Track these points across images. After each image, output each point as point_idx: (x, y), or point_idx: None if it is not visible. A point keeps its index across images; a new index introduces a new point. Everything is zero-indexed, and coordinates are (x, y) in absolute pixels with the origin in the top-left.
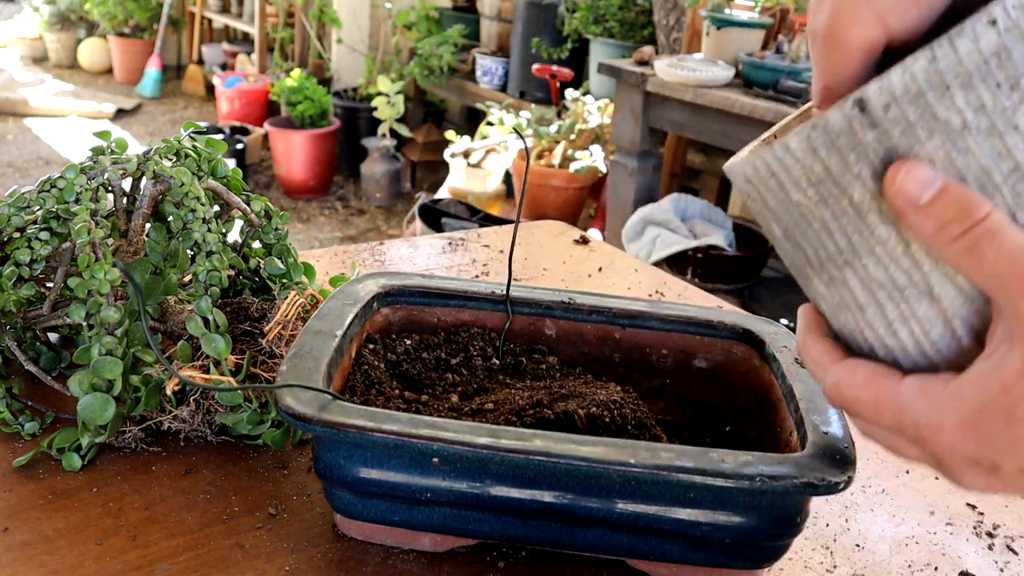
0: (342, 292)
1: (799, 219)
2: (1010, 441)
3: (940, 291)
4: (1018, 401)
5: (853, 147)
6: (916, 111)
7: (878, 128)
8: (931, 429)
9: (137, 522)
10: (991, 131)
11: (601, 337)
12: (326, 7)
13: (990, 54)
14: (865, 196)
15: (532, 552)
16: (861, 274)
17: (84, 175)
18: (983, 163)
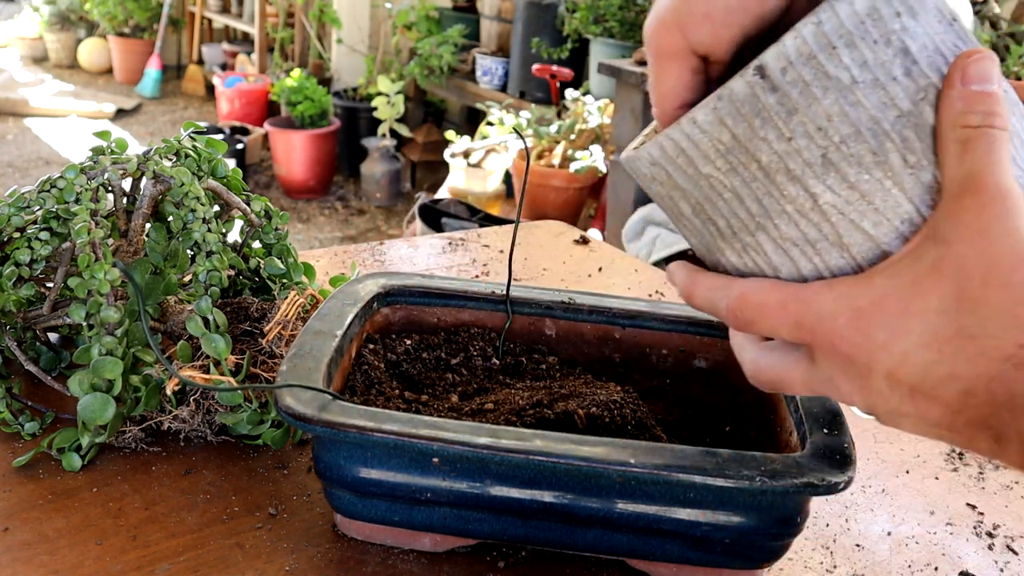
0: (342, 292)
1: (709, 192)
2: (892, 335)
3: (849, 239)
4: (918, 294)
5: (757, 112)
6: (810, 71)
7: (778, 91)
8: (829, 318)
9: (137, 522)
10: (875, 83)
11: (601, 337)
12: (326, 7)
13: (865, 15)
14: (773, 158)
15: (532, 552)
16: (774, 235)
17: (84, 175)
18: (872, 114)
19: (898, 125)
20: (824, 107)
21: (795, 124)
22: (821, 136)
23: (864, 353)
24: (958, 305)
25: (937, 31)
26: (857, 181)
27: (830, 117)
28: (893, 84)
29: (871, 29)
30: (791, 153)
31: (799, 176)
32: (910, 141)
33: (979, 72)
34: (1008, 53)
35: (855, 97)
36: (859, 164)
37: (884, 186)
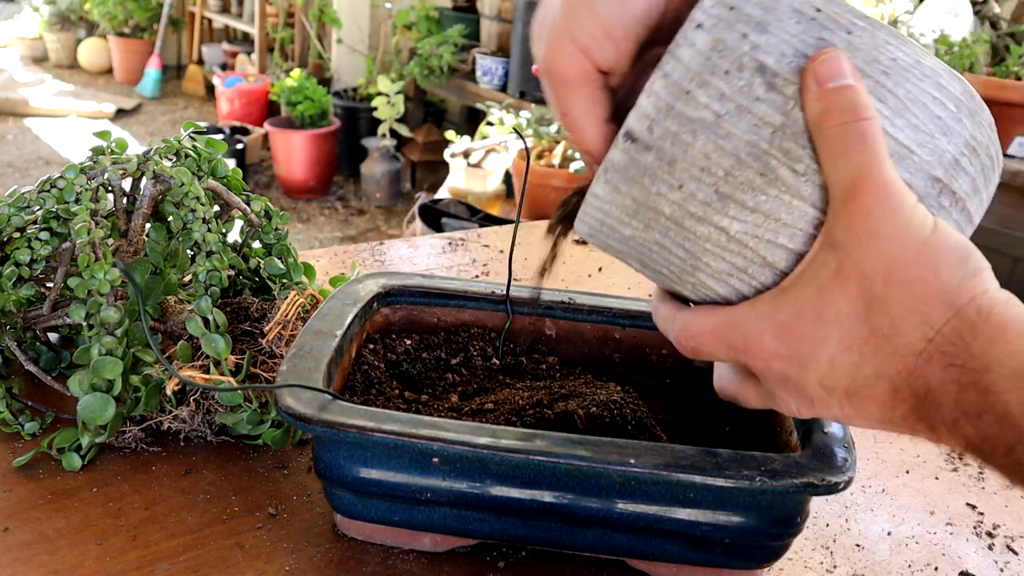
0: (342, 292)
1: (641, 249)
2: (815, 343)
3: (773, 257)
4: (828, 302)
5: (643, 172)
6: (673, 122)
7: (652, 149)
8: (757, 336)
9: (137, 522)
10: (739, 110)
11: (601, 337)
12: (326, 7)
13: (709, 50)
14: (674, 208)
15: (532, 552)
16: (709, 271)
17: (84, 175)
18: (747, 139)
19: (776, 140)
20: (699, 149)
21: (679, 172)
22: (707, 175)
23: (795, 366)
24: (867, 307)
25: (796, 32)
26: (756, 204)
27: (707, 156)
28: (758, 104)
29: (719, 62)
30: (687, 198)
31: (703, 216)
32: (792, 152)
33: (830, 70)
34: (1008, 53)
35: (724, 130)
36: (752, 189)
37: (784, 200)
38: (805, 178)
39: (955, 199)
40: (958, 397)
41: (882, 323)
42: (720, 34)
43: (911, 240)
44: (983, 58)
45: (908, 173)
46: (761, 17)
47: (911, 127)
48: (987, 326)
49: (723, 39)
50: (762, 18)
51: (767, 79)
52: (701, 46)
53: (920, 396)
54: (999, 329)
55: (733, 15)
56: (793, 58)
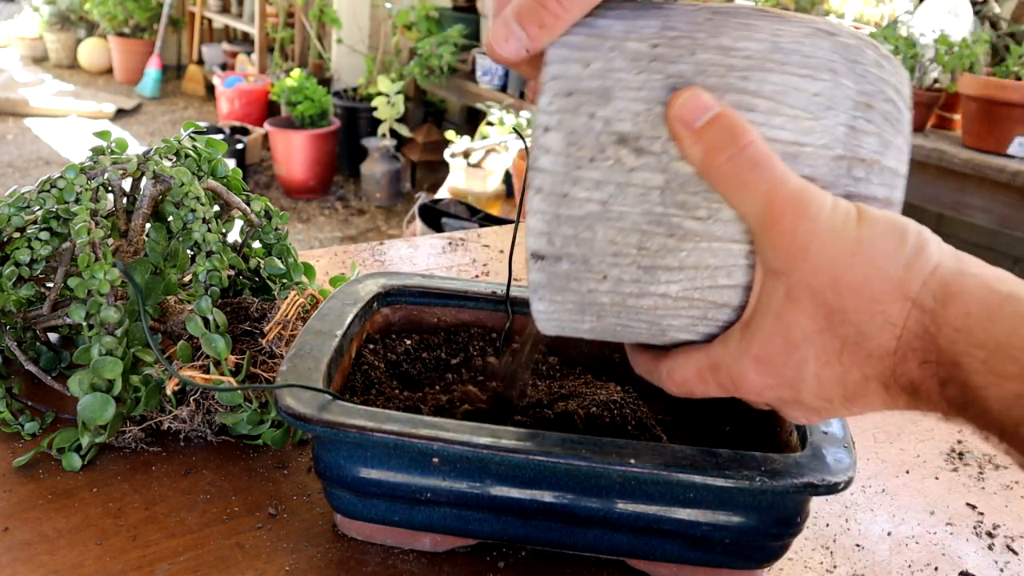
0: (342, 292)
1: (607, 332)
2: (795, 367)
3: (723, 299)
4: (790, 325)
5: (566, 280)
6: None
7: (561, 258)
8: (740, 375)
9: (137, 522)
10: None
11: None
12: (326, 7)
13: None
14: (611, 296)
15: (532, 552)
16: (675, 329)
17: (84, 175)
18: (641, 210)
19: (668, 199)
20: (602, 239)
21: (597, 266)
22: (622, 258)
23: (787, 390)
24: (828, 320)
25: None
26: (680, 262)
27: (613, 241)
28: (635, 174)
29: (580, 153)
30: (617, 284)
31: (641, 292)
32: (688, 203)
33: (692, 110)
34: (1008, 53)
35: (616, 212)
36: (668, 251)
37: (703, 248)
38: (711, 220)
39: (868, 165)
40: (941, 392)
41: (848, 332)
42: (568, 127)
43: (842, 243)
44: (983, 58)
45: (808, 168)
46: (601, 87)
47: (791, 120)
48: (947, 312)
49: (573, 130)
50: (602, 87)
51: (632, 146)
52: (557, 147)
53: (910, 391)
54: (961, 316)
55: (573, 101)
56: (647, 112)
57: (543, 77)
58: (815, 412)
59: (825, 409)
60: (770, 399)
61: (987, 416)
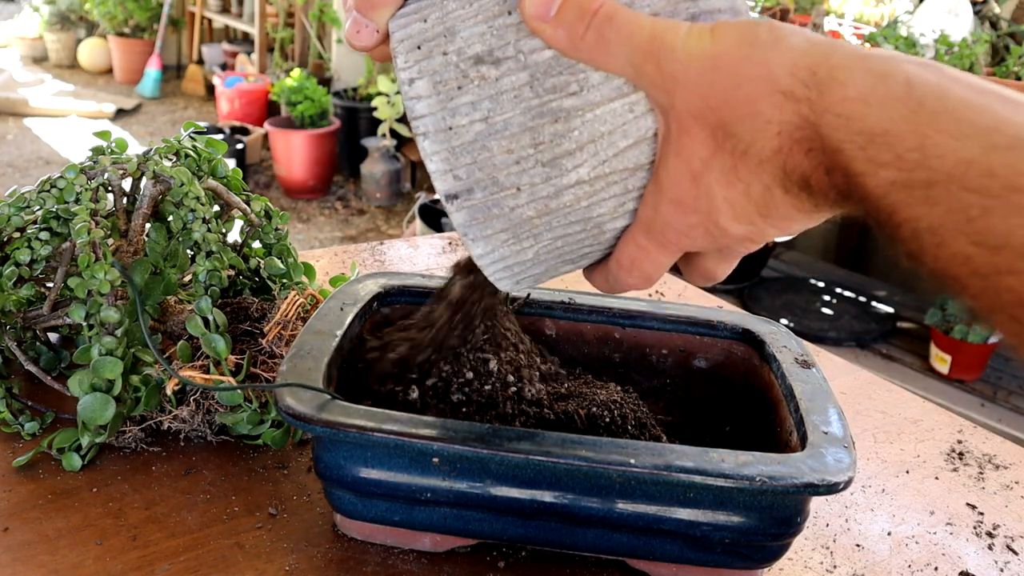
0: (342, 292)
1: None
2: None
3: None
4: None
5: (486, 209)
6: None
7: (472, 188)
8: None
9: (137, 522)
10: (494, 99)
11: (601, 337)
12: (326, 7)
13: (433, 87)
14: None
15: (532, 552)
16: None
17: (84, 175)
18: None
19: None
20: (499, 152)
21: (506, 180)
22: (525, 162)
23: (710, 224)
24: (714, 139)
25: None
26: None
27: (510, 150)
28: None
29: (446, 87)
30: (533, 191)
31: (557, 190)
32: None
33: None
34: (1008, 53)
35: (499, 121)
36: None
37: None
38: (584, 90)
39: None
40: (830, 181)
41: (735, 144)
42: (428, 70)
43: (702, 61)
44: (983, 58)
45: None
46: (444, 29)
47: None
48: (825, 99)
49: (434, 71)
50: (444, 29)
51: (489, 61)
52: (425, 91)
53: (805, 186)
54: (839, 101)
55: (424, 50)
56: (490, 29)
57: (392, 45)
58: (747, 239)
59: (753, 233)
60: (702, 241)
61: (867, 203)
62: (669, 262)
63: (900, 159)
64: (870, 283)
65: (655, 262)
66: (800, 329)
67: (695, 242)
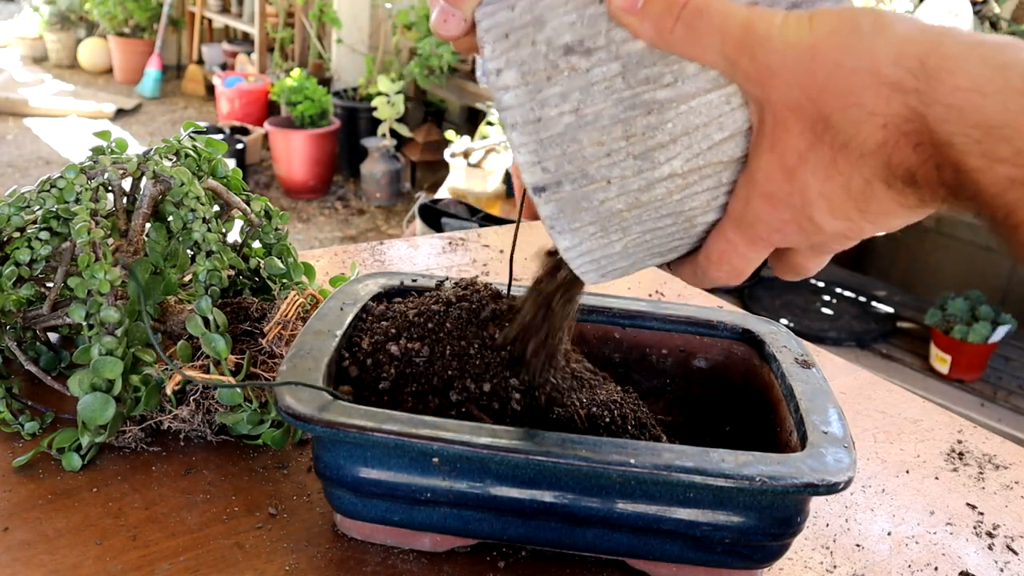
0: (342, 292)
1: (641, 247)
2: (800, 192)
3: (726, 154)
4: (784, 152)
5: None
6: (553, 147)
7: (561, 181)
8: (757, 219)
9: (137, 522)
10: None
11: (601, 337)
12: (326, 7)
13: (522, 77)
14: (623, 199)
15: (532, 552)
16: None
17: (84, 175)
18: (612, 100)
19: (631, 80)
20: (589, 144)
21: (597, 173)
22: (616, 155)
23: (803, 219)
24: (813, 132)
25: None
26: (672, 135)
27: (600, 142)
28: (592, 72)
29: (536, 78)
30: (623, 184)
31: (648, 183)
32: (651, 75)
33: None
34: None
35: (590, 113)
36: (654, 129)
37: (683, 111)
38: (679, 82)
39: None
40: (939, 176)
41: (834, 137)
42: (517, 60)
43: (800, 51)
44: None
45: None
46: (532, 18)
47: None
48: (935, 89)
49: (522, 61)
50: (533, 18)
51: (580, 51)
52: (513, 82)
53: (910, 181)
54: (950, 91)
55: (512, 39)
56: (580, 18)
57: (479, 34)
58: (843, 235)
59: (848, 228)
60: (794, 237)
61: (980, 200)
62: (759, 257)
63: (1020, 154)
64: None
65: (744, 257)
66: (800, 329)
67: (787, 238)
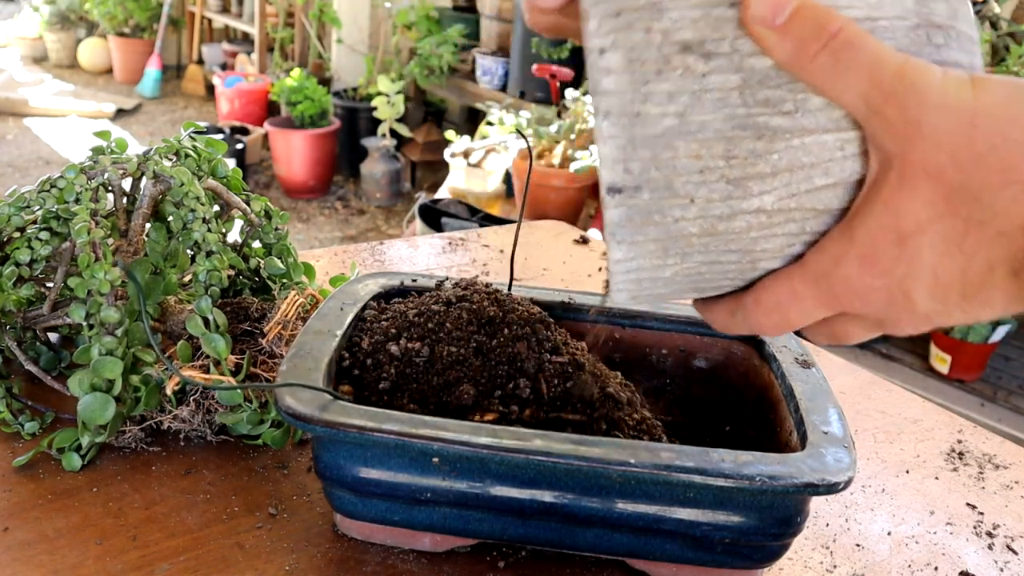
0: (342, 292)
1: (690, 278)
2: (908, 262)
3: (823, 203)
4: (903, 214)
5: (649, 213)
6: (643, 148)
7: (641, 186)
8: (843, 279)
9: (137, 522)
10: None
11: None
12: (326, 7)
13: (627, 65)
14: (700, 223)
15: (532, 552)
16: (768, 255)
17: (84, 175)
18: (722, 115)
19: (749, 98)
20: (684, 155)
21: (682, 189)
22: (709, 173)
23: (897, 292)
24: (948, 202)
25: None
26: (774, 167)
27: (698, 155)
28: (708, 79)
29: (644, 68)
30: (706, 207)
31: (733, 212)
32: (771, 98)
33: (770, 5)
34: (1008, 53)
35: (695, 122)
36: (758, 155)
37: (795, 145)
38: (799, 112)
39: (944, 30)
40: None
41: (973, 211)
42: (626, 44)
43: (959, 114)
44: (983, 58)
45: (890, 41)
46: (650, 2)
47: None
48: None
49: (632, 46)
50: (651, 3)
51: (699, 52)
52: (618, 66)
53: None
54: None
55: (623, 19)
56: (706, 16)
57: (584, 6)
58: (924, 318)
59: (937, 313)
60: (876, 304)
61: None
62: (820, 317)
63: None
64: None
65: (805, 313)
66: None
67: (867, 306)
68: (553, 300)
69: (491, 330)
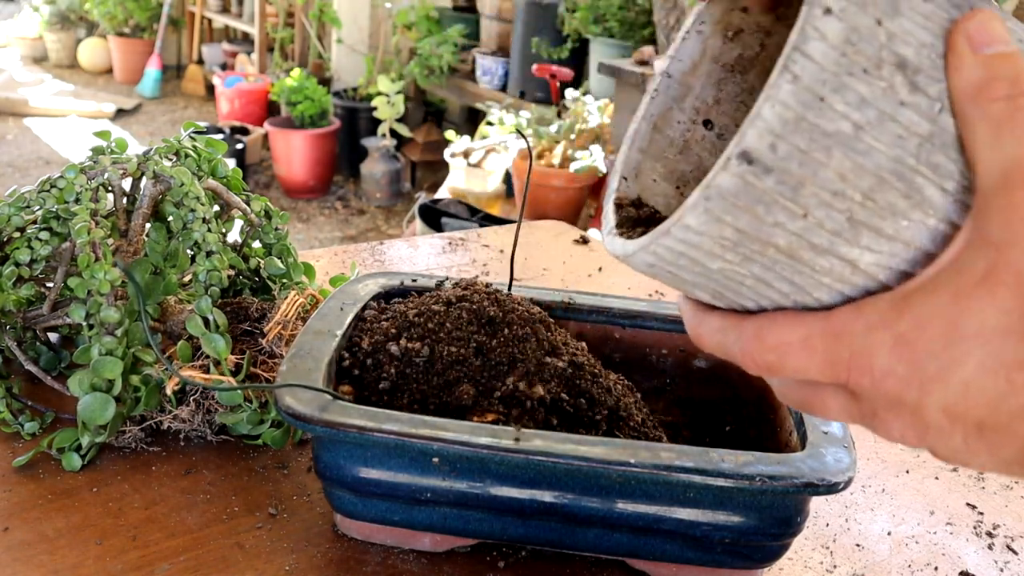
0: (342, 292)
1: (726, 282)
2: (945, 365)
3: (886, 277)
4: (968, 311)
5: (757, 199)
6: (804, 137)
7: (774, 171)
8: (865, 350)
9: (137, 522)
10: (882, 118)
11: (601, 337)
12: (326, 7)
13: (843, 44)
14: (791, 239)
15: (532, 552)
16: (811, 300)
17: (84, 175)
18: (891, 154)
19: (923, 154)
20: (833, 169)
21: (806, 198)
22: (840, 200)
23: (914, 388)
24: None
25: (929, 12)
26: (896, 232)
27: (843, 177)
28: (902, 110)
29: (856, 58)
30: (811, 228)
31: (828, 248)
32: (942, 167)
33: (987, 33)
34: None
35: (865, 144)
36: (893, 214)
37: (929, 225)
38: (954, 197)
39: None
40: None
41: None
42: (852, 21)
43: None
44: None
45: None
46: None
47: None
48: None
49: (856, 27)
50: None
51: (909, 77)
52: (834, 38)
53: None
54: None
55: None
56: (933, 47)
57: None
58: (923, 429)
59: (940, 431)
60: (885, 392)
61: None
62: (818, 377)
63: None
64: None
65: (804, 367)
66: None
67: (874, 389)
68: (553, 300)
69: (491, 330)
